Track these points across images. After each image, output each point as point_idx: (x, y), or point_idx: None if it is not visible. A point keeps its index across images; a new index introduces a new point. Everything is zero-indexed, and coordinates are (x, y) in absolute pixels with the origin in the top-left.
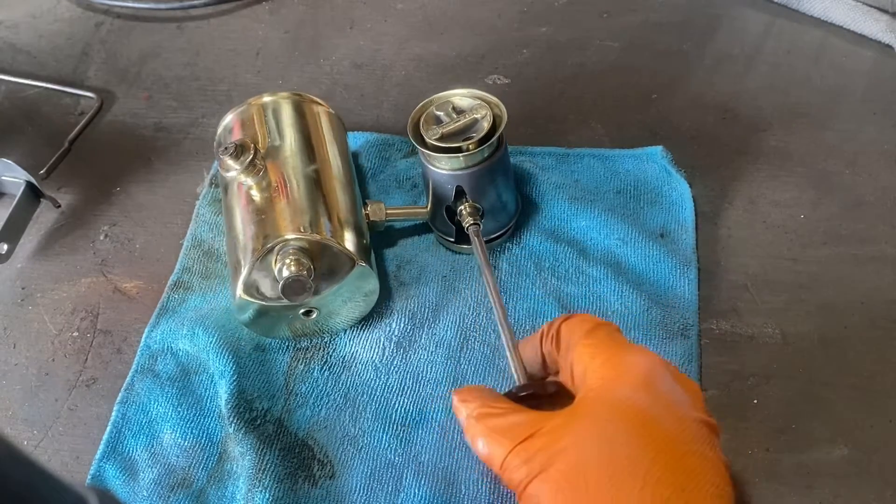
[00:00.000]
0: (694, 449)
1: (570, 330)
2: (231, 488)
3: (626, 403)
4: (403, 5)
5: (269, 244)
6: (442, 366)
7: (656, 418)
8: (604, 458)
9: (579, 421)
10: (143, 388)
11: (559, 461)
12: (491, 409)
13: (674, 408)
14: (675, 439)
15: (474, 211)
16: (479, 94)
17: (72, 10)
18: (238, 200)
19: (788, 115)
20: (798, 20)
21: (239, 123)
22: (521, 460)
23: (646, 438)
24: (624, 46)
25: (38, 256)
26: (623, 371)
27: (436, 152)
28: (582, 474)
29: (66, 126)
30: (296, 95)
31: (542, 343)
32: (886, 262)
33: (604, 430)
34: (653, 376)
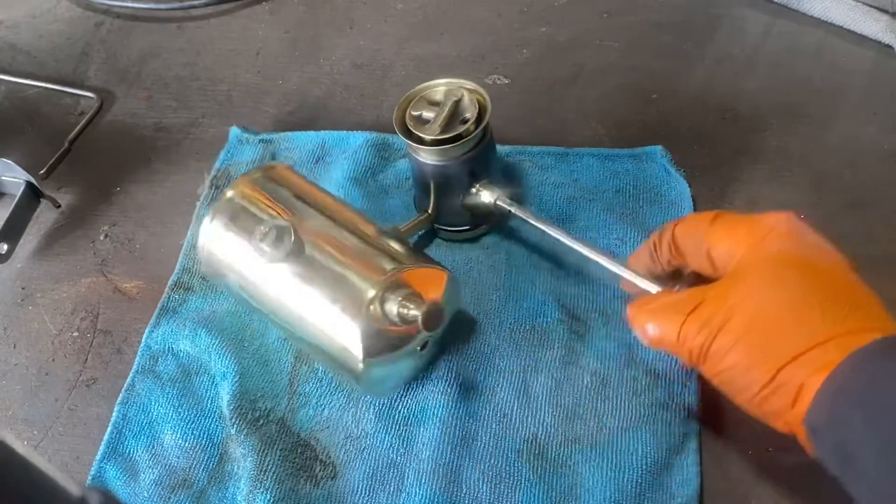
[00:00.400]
0: (853, 279)
1: (690, 228)
2: (232, 489)
3: (782, 254)
4: (403, 5)
5: (370, 296)
6: (443, 363)
7: (813, 260)
8: (780, 299)
9: (743, 279)
10: (144, 389)
11: (736, 315)
12: (649, 298)
13: (823, 250)
14: (835, 274)
15: (488, 185)
16: (441, 82)
17: (72, 10)
18: (289, 285)
19: (788, 115)
20: (798, 20)
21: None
22: (696, 327)
23: (811, 277)
24: (624, 46)
25: (38, 256)
26: (766, 231)
27: (439, 145)
28: (761, 319)
29: (66, 126)
30: (257, 172)
31: (657, 253)
32: (886, 262)
33: (770, 278)
34: (795, 228)
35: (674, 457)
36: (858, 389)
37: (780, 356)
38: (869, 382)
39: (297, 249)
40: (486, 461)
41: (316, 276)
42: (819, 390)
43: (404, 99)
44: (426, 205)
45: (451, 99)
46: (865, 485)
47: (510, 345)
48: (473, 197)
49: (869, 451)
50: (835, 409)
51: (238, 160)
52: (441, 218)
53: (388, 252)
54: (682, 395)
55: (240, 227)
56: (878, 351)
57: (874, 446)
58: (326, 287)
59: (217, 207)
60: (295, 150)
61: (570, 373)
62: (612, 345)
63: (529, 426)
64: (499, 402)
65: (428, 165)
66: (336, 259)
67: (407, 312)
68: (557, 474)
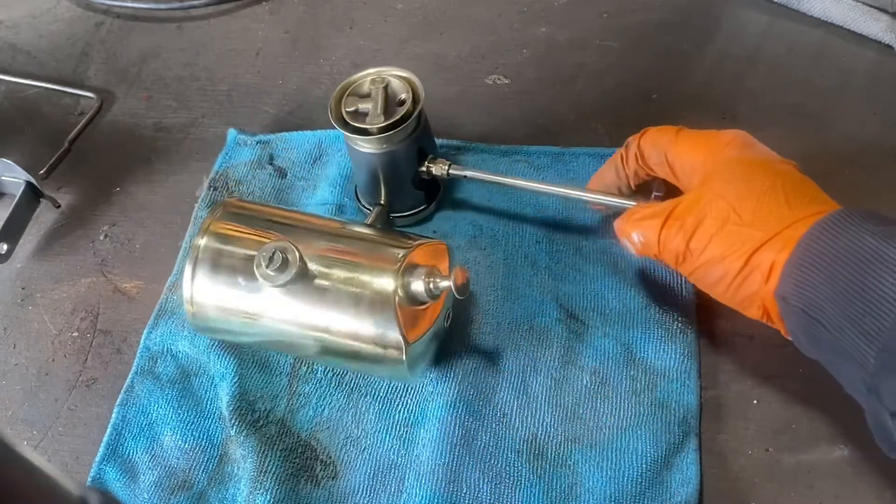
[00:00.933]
0: (805, 178)
1: (654, 140)
2: (232, 490)
3: (744, 158)
4: (403, 5)
5: (393, 286)
6: (442, 364)
7: (769, 160)
8: (748, 193)
9: (713, 182)
10: (143, 390)
11: (710, 213)
12: (633, 210)
13: (777, 157)
14: (793, 173)
15: (434, 159)
16: (362, 74)
17: (72, 10)
18: (306, 301)
19: (788, 115)
20: (798, 20)
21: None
22: (675, 229)
23: (769, 171)
24: (624, 46)
25: (38, 256)
26: (726, 142)
27: (388, 131)
28: (733, 213)
29: (66, 126)
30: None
31: (623, 165)
32: None
33: (737, 177)
34: (749, 139)
35: (673, 456)
36: (819, 254)
37: (752, 242)
38: (828, 246)
39: (303, 266)
40: (486, 461)
41: (330, 285)
42: (786, 262)
43: (334, 100)
44: (376, 197)
45: (380, 86)
46: (828, 343)
47: (509, 345)
48: (424, 174)
49: (830, 306)
50: (800, 276)
51: (236, 162)
52: (395, 205)
53: (385, 242)
54: (681, 394)
55: (228, 268)
56: (836, 219)
57: (833, 301)
58: (346, 292)
59: (195, 259)
60: (292, 151)
61: (569, 372)
62: (611, 344)
63: (529, 426)
64: (498, 402)
65: (377, 155)
66: (343, 263)
67: (436, 286)
68: (557, 474)
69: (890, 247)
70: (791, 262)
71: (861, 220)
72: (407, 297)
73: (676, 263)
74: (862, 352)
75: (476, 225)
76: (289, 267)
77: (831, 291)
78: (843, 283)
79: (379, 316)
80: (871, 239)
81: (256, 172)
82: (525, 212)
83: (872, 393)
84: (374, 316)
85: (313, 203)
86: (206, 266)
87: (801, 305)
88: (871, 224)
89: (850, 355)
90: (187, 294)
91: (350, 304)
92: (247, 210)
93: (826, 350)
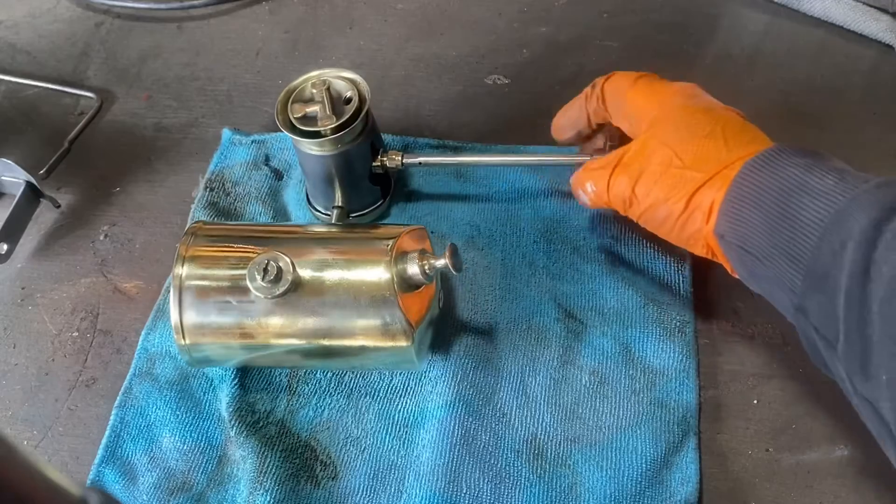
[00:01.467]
0: (747, 122)
1: (615, 87)
2: (232, 491)
3: (688, 105)
4: (403, 5)
5: (388, 276)
6: (441, 364)
7: (712, 107)
8: (689, 137)
9: (655, 130)
10: (142, 392)
11: (653, 159)
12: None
13: (722, 105)
14: (735, 118)
15: (385, 152)
16: (301, 79)
17: (72, 10)
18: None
19: (788, 115)
20: (798, 20)
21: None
22: (622, 175)
23: (714, 119)
24: (624, 46)
25: (38, 256)
26: (674, 91)
27: (340, 131)
28: (676, 154)
29: (66, 126)
30: (188, 240)
31: (586, 103)
32: None
33: (678, 123)
34: (696, 90)
35: (673, 455)
36: (750, 191)
37: (693, 183)
38: (758, 182)
39: (296, 273)
40: (486, 461)
41: (325, 286)
42: (723, 201)
43: (279, 107)
44: (332, 200)
45: (322, 88)
46: (762, 273)
47: (508, 345)
48: (379, 168)
49: (761, 238)
50: (734, 212)
51: (232, 163)
52: (353, 204)
53: (366, 236)
54: (680, 393)
55: (216, 291)
56: (766, 156)
57: (763, 233)
58: (343, 290)
59: (178, 289)
60: (287, 151)
61: (568, 372)
62: (610, 343)
63: (529, 426)
64: (498, 403)
65: (333, 157)
66: (332, 263)
67: (431, 266)
68: (557, 474)
69: (812, 176)
70: (726, 200)
71: (788, 155)
72: (403, 283)
73: (624, 209)
74: (790, 276)
75: (473, 225)
76: (283, 276)
77: (761, 224)
78: (771, 214)
79: (381, 306)
80: (795, 171)
81: (252, 173)
82: (523, 212)
83: (800, 312)
84: (377, 307)
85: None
86: (191, 294)
87: (736, 240)
88: (797, 157)
89: (782, 282)
90: (176, 326)
91: (350, 302)
92: (219, 230)
93: (762, 281)
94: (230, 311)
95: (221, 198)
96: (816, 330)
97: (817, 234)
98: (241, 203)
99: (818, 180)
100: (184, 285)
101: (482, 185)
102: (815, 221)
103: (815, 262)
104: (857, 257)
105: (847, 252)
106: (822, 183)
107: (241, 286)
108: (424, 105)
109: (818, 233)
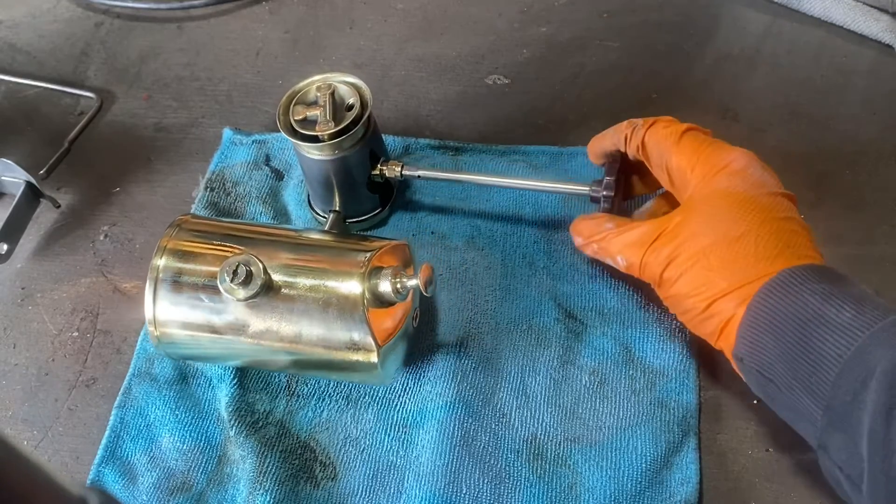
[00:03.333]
0: (787, 216)
1: (657, 139)
2: (231, 491)
3: (727, 191)
4: (403, 5)
5: (360, 290)
6: (441, 364)
7: (754, 197)
8: (719, 236)
9: (692, 215)
10: (141, 392)
11: (683, 251)
12: (615, 228)
13: (765, 188)
14: (772, 210)
15: (386, 161)
16: (307, 81)
17: (72, 10)
18: (275, 312)
19: (788, 115)
20: (798, 20)
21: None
22: (655, 258)
23: (750, 213)
24: (624, 46)
25: (38, 256)
26: (719, 167)
27: (338, 137)
28: (704, 253)
29: (66, 126)
30: (173, 231)
31: (625, 145)
32: (886, 262)
33: (713, 215)
34: (743, 165)
35: (673, 455)
36: (768, 317)
37: (714, 291)
38: (775, 308)
39: (267, 278)
40: (486, 461)
41: (296, 294)
42: (741, 322)
43: (281, 109)
44: (330, 204)
45: (326, 93)
46: (782, 401)
47: (508, 345)
48: (378, 177)
49: (780, 367)
50: (752, 337)
51: (232, 162)
52: (350, 210)
53: (347, 247)
54: (680, 393)
55: (191, 286)
56: (782, 281)
57: (783, 362)
58: (312, 299)
59: (154, 279)
60: (288, 151)
61: (568, 372)
62: (610, 343)
63: (528, 426)
64: (497, 403)
65: (330, 162)
66: (307, 271)
67: (403, 285)
68: (557, 474)
69: (830, 307)
70: (744, 323)
71: (804, 280)
72: (375, 299)
73: (655, 286)
74: (811, 410)
75: (474, 225)
76: (253, 280)
77: (780, 352)
78: (789, 344)
79: (349, 320)
80: (812, 299)
81: (253, 173)
82: (523, 212)
83: (822, 449)
84: (344, 321)
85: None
86: (166, 286)
87: (756, 366)
88: (813, 283)
89: (802, 413)
90: (149, 316)
91: (318, 312)
92: (204, 226)
93: (783, 409)
94: (201, 308)
95: (222, 197)
96: (840, 468)
97: (836, 369)
98: (242, 203)
99: (836, 312)
100: (159, 277)
101: (483, 184)
102: (834, 357)
103: (835, 399)
104: (880, 397)
105: (869, 392)
106: (840, 315)
107: (213, 285)
108: (424, 105)
109: (837, 368)
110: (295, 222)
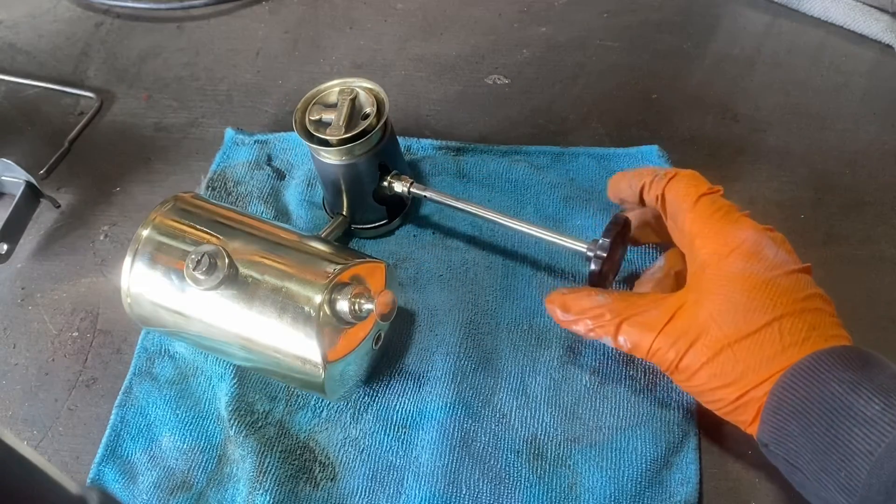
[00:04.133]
0: (807, 294)
1: (675, 195)
2: (231, 491)
3: (745, 274)
4: (403, 5)
5: (319, 301)
6: (441, 364)
7: (773, 280)
8: (740, 322)
9: (708, 298)
10: (142, 392)
11: (703, 336)
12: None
13: (781, 268)
14: (793, 291)
15: (398, 175)
16: (333, 83)
17: (72, 10)
18: (232, 308)
19: (788, 115)
20: (798, 20)
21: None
22: (668, 343)
23: (770, 298)
24: (624, 46)
25: (38, 256)
26: (733, 246)
27: (347, 143)
28: (726, 341)
29: (65, 126)
30: (167, 205)
31: (642, 194)
32: (886, 262)
33: (732, 300)
34: (759, 246)
35: (673, 456)
36: (794, 404)
37: (745, 382)
38: (800, 396)
39: (232, 272)
40: (486, 462)
41: (258, 293)
42: (764, 409)
43: (299, 109)
44: (339, 207)
45: (347, 98)
46: (811, 490)
47: (508, 345)
48: (386, 190)
49: (807, 457)
50: (777, 425)
51: (234, 162)
52: (356, 217)
53: (322, 256)
54: (680, 393)
55: (164, 263)
56: (807, 367)
57: (810, 452)
58: (271, 302)
59: (135, 249)
60: (290, 151)
61: (568, 372)
62: None
63: (529, 426)
64: (497, 403)
65: (338, 167)
66: (274, 272)
67: (360, 308)
68: (557, 474)
69: (858, 398)
70: (768, 408)
71: (831, 367)
72: (332, 315)
73: (668, 372)
74: (843, 502)
75: (475, 225)
76: (216, 272)
77: (807, 442)
78: (817, 435)
79: (301, 330)
80: (839, 388)
81: (255, 173)
82: (525, 211)
83: None
84: (297, 329)
85: (310, 203)
86: (145, 258)
87: (783, 454)
88: (839, 370)
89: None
90: (125, 284)
91: (274, 315)
92: (197, 207)
93: (813, 497)
94: (168, 288)
95: (223, 197)
96: None
97: (867, 466)
98: (243, 202)
99: (864, 404)
100: (140, 248)
101: (485, 184)
102: (864, 452)
103: (868, 500)
104: None
105: None
106: (868, 408)
107: (180, 270)
108: (424, 105)
109: (868, 465)
110: (296, 222)
